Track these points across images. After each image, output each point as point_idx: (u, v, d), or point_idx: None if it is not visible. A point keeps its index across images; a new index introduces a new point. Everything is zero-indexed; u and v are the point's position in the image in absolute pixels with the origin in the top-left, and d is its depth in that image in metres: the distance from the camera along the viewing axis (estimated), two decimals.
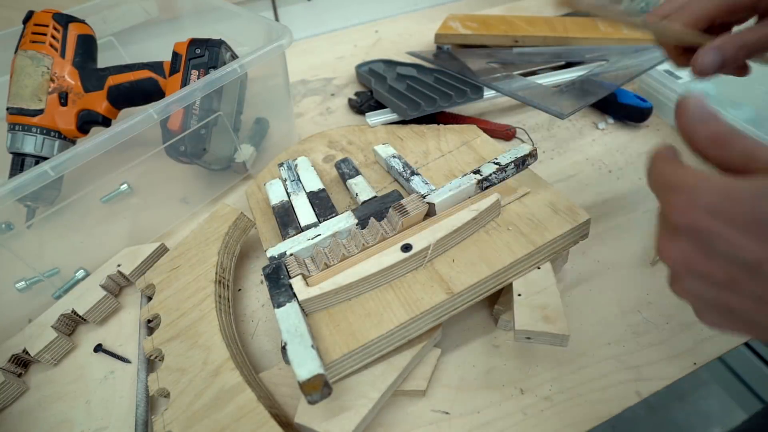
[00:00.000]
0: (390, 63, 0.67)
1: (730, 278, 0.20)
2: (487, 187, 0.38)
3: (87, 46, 0.49)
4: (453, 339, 0.37)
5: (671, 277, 0.22)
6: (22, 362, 0.39)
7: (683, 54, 0.33)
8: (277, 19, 0.84)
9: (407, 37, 0.81)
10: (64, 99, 0.46)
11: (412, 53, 0.71)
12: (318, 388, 0.27)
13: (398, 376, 0.32)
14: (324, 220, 0.40)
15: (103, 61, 0.52)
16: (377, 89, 0.59)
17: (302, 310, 0.32)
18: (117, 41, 0.61)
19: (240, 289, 0.43)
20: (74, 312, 0.40)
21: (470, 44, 0.71)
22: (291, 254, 0.36)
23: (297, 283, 0.33)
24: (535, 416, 0.32)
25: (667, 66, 0.57)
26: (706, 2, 0.30)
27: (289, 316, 0.31)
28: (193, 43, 0.46)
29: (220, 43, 0.47)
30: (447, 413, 0.33)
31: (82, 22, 0.50)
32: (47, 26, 0.47)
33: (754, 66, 0.32)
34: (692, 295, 0.22)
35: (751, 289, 0.19)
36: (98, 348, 0.40)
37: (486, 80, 0.58)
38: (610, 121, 0.57)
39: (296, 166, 0.47)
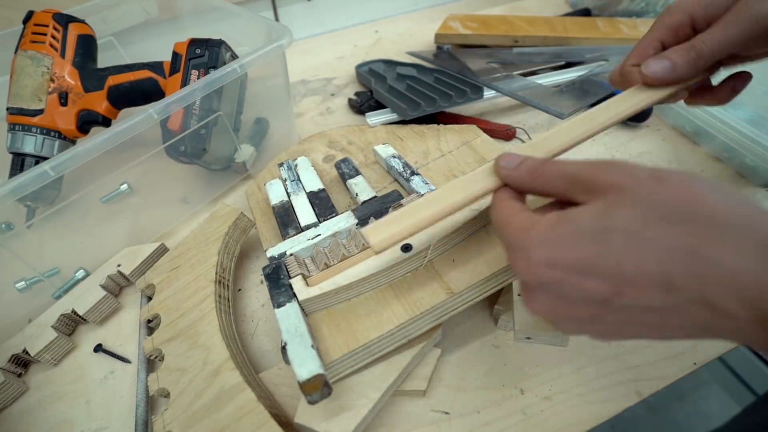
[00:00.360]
0: (390, 63, 0.67)
1: (593, 315, 0.21)
2: None
3: (87, 46, 0.49)
4: (453, 339, 0.37)
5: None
6: (22, 362, 0.39)
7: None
8: (277, 19, 0.84)
9: (407, 37, 0.81)
10: (64, 99, 0.46)
11: (412, 53, 0.71)
12: (318, 388, 0.27)
13: (398, 376, 0.32)
14: (324, 220, 0.40)
15: (103, 61, 0.52)
16: (377, 89, 0.59)
17: (302, 310, 0.32)
18: (117, 41, 0.61)
19: (240, 289, 0.43)
20: (74, 312, 0.40)
21: (470, 44, 0.71)
22: (291, 254, 0.36)
23: (297, 283, 0.33)
24: (535, 416, 0.32)
25: None
26: (654, 32, 0.31)
27: (289, 316, 0.31)
28: (193, 43, 0.46)
29: (220, 43, 0.47)
30: (447, 413, 0.33)
31: (82, 22, 0.50)
32: (47, 26, 0.47)
33: (755, 66, 0.32)
34: (574, 330, 0.23)
35: (613, 320, 0.21)
36: (98, 348, 0.40)
37: (486, 80, 0.58)
38: None
39: (296, 166, 0.47)
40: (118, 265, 0.43)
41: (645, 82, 0.30)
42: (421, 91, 0.56)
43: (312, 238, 0.37)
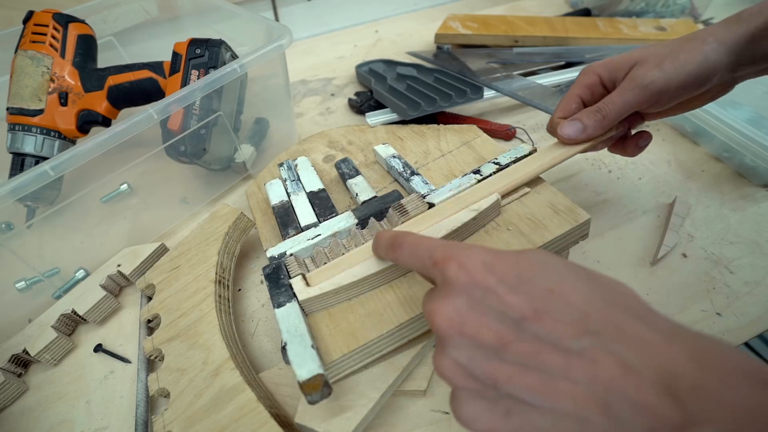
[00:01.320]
0: (390, 63, 0.67)
1: (497, 338, 0.20)
2: None
3: (87, 46, 0.49)
4: None
5: (438, 346, 0.22)
6: (22, 362, 0.39)
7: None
8: (277, 19, 0.84)
9: (407, 37, 0.81)
10: (64, 99, 0.46)
11: (412, 53, 0.72)
12: (318, 388, 0.27)
13: (398, 376, 0.32)
14: (324, 220, 0.40)
15: (103, 61, 0.52)
16: (377, 89, 0.59)
17: (302, 310, 0.32)
18: (117, 41, 0.61)
19: (240, 289, 0.43)
20: (74, 312, 0.40)
21: (470, 44, 0.71)
22: (291, 254, 0.36)
23: (297, 283, 0.33)
24: None
25: None
26: (574, 90, 0.36)
27: (289, 316, 0.31)
28: (193, 43, 0.46)
29: (220, 43, 0.47)
30: (447, 413, 0.33)
31: (82, 22, 0.50)
32: (47, 26, 0.47)
33: None
34: (457, 370, 0.21)
35: (516, 352, 0.20)
36: (98, 348, 0.40)
37: (486, 80, 0.58)
38: None
39: (296, 166, 0.47)
40: (118, 265, 0.43)
41: (562, 142, 0.36)
42: (421, 91, 0.56)
43: (312, 238, 0.37)
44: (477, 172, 0.38)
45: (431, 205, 0.37)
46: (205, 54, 0.46)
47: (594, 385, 0.18)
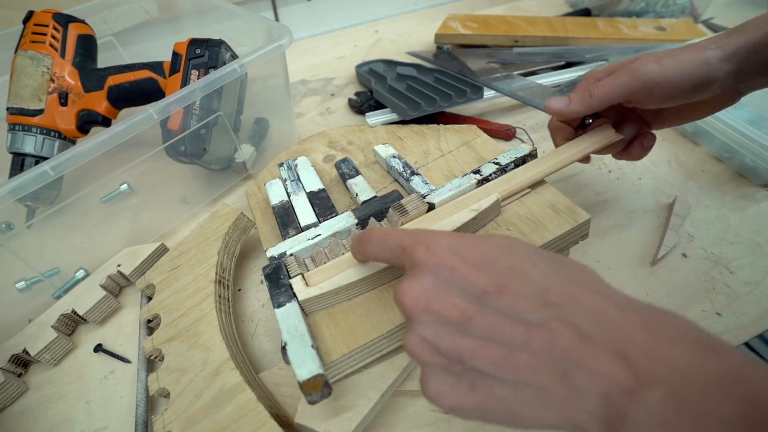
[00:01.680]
0: (390, 63, 0.67)
1: (461, 313, 0.21)
2: None
3: (87, 46, 0.49)
4: None
5: (408, 325, 0.23)
6: (22, 362, 0.39)
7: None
8: (277, 19, 0.84)
9: (407, 37, 0.81)
10: (64, 99, 0.46)
11: (412, 53, 0.72)
12: (318, 388, 0.27)
13: (398, 376, 0.32)
14: (324, 220, 0.40)
15: (103, 61, 0.52)
16: (377, 89, 0.59)
17: (302, 310, 0.32)
18: (117, 41, 0.61)
19: (240, 289, 0.43)
20: (74, 312, 0.40)
21: (470, 44, 0.71)
22: (291, 254, 0.36)
23: (297, 284, 0.33)
24: None
25: None
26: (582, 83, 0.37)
27: (289, 316, 0.31)
28: (193, 43, 0.46)
29: (220, 43, 0.47)
30: (447, 413, 0.33)
31: (82, 22, 0.50)
32: (47, 26, 0.47)
33: None
34: (425, 346, 0.22)
35: (480, 326, 0.21)
36: (98, 348, 0.40)
37: (486, 80, 0.58)
38: None
39: (296, 166, 0.47)
40: (118, 265, 0.43)
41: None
42: (421, 91, 0.56)
43: (312, 238, 0.37)
44: (477, 172, 0.38)
45: (431, 205, 0.37)
46: (205, 54, 0.46)
47: (552, 354, 0.19)
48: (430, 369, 0.22)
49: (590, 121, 0.39)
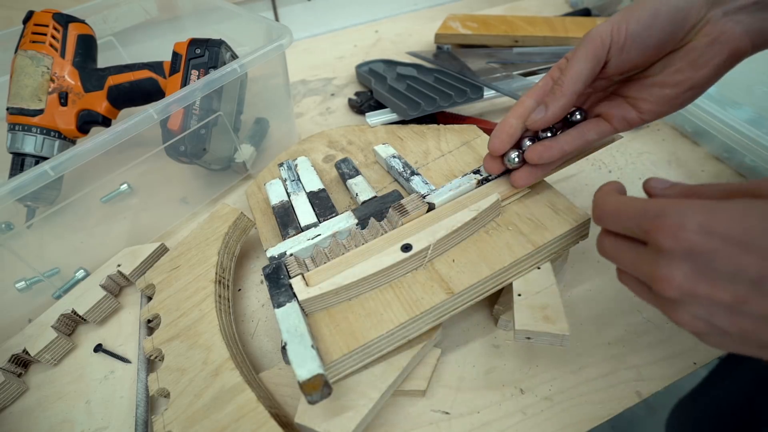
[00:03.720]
0: (390, 63, 0.67)
1: (735, 299, 0.19)
2: None
3: (87, 46, 0.49)
4: (453, 339, 0.37)
5: (672, 307, 0.22)
6: (22, 362, 0.39)
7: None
8: (277, 19, 0.84)
9: (407, 37, 0.81)
10: (64, 99, 0.46)
11: (412, 53, 0.71)
12: (318, 388, 0.27)
13: (398, 376, 0.32)
14: (324, 220, 0.40)
15: (103, 61, 0.52)
16: (377, 89, 0.59)
17: (302, 310, 0.32)
18: (117, 41, 0.61)
19: (240, 289, 0.43)
20: (74, 312, 0.40)
21: (470, 44, 0.71)
22: (291, 254, 0.36)
23: (297, 283, 0.33)
24: (535, 416, 0.32)
25: None
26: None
27: (289, 316, 0.31)
28: (193, 43, 0.46)
29: (220, 43, 0.47)
30: (447, 413, 0.33)
31: (82, 22, 0.50)
32: (47, 26, 0.47)
33: (755, 65, 0.32)
34: (700, 323, 0.21)
35: (758, 308, 0.19)
36: (98, 348, 0.40)
37: (486, 80, 0.58)
38: None
39: (296, 166, 0.47)
40: (118, 265, 0.43)
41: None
42: (421, 91, 0.56)
43: (312, 238, 0.37)
44: (477, 172, 0.38)
45: (431, 205, 0.37)
46: (205, 54, 0.46)
47: None
48: (710, 338, 0.22)
49: (579, 117, 0.36)
